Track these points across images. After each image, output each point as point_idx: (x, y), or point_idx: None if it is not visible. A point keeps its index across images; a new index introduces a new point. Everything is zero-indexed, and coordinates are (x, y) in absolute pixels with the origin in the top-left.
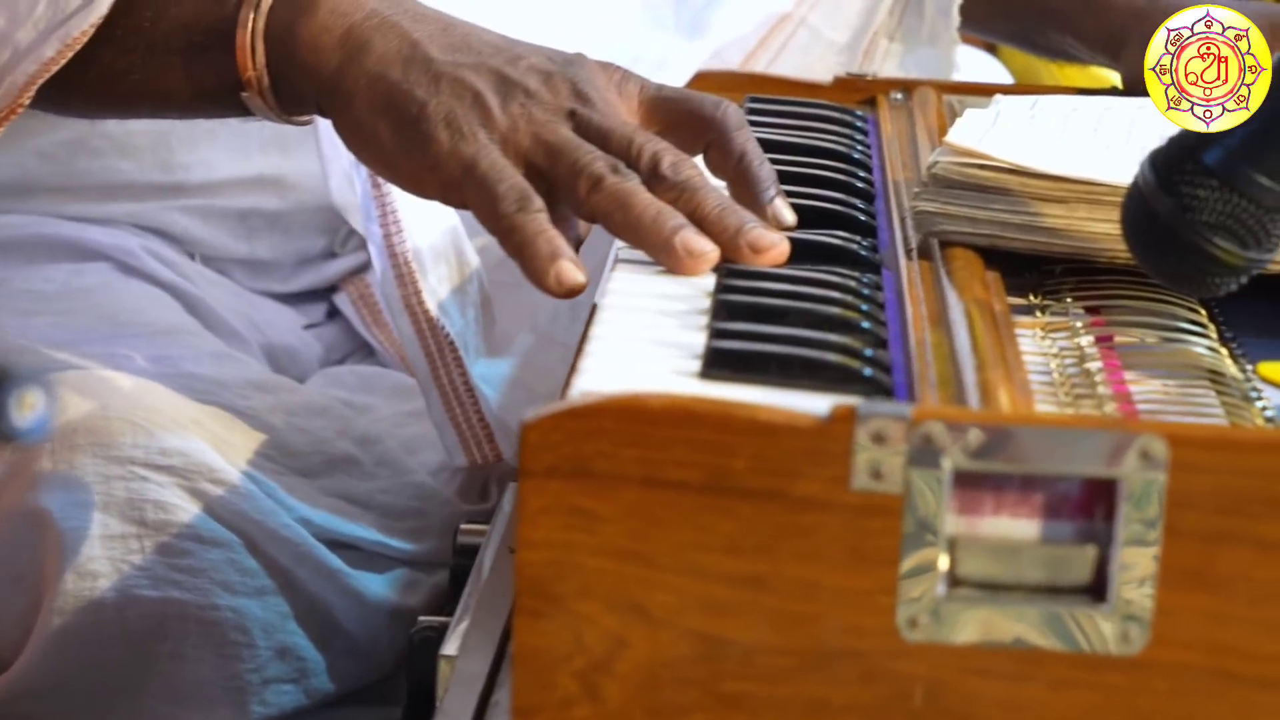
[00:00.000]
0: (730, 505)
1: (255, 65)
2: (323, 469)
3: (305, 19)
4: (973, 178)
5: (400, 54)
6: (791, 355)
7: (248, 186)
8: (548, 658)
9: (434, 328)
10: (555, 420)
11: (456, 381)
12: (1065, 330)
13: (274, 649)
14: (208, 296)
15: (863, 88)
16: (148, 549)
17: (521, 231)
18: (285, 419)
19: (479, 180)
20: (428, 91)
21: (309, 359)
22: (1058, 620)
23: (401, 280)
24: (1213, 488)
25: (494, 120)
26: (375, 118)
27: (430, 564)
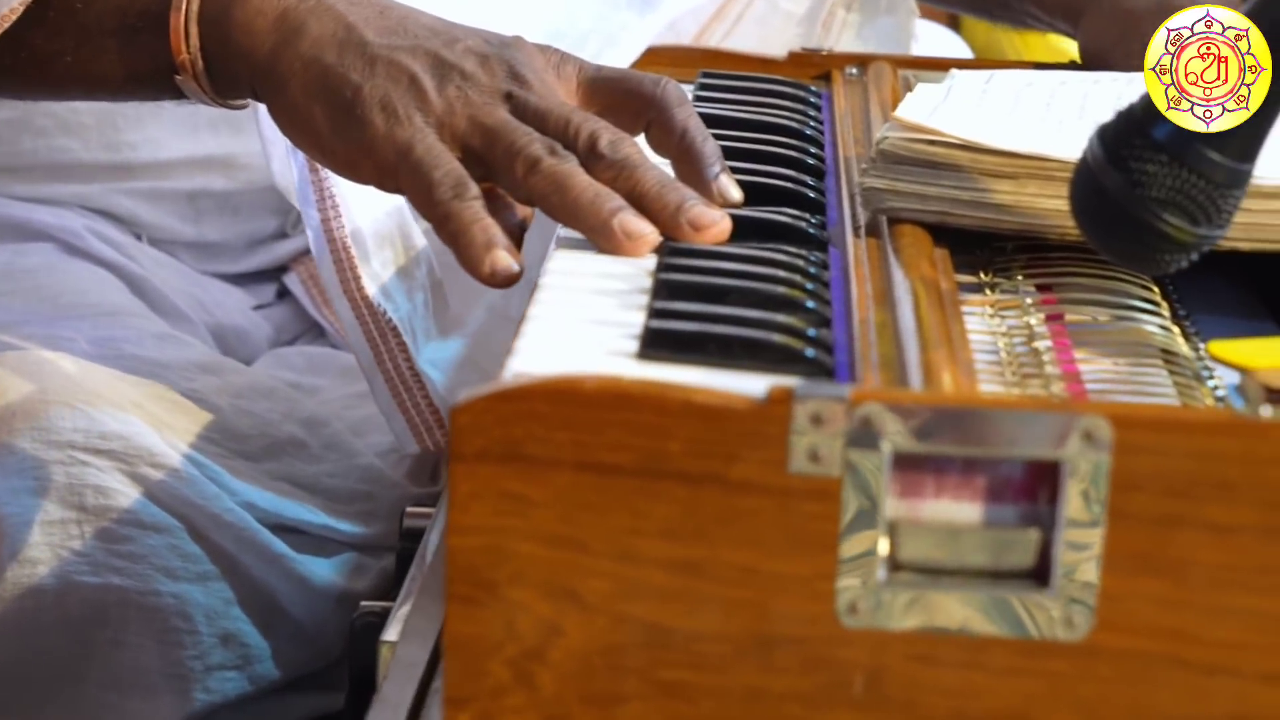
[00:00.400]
0: (666, 489)
1: (189, 48)
2: (268, 452)
3: (240, 2)
4: (921, 153)
5: (335, 37)
6: (731, 335)
7: (196, 167)
8: (480, 646)
9: (374, 313)
10: (486, 403)
11: (402, 367)
12: (1015, 308)
13: (217, 635)
14: (154, 277)
15: (818, 63)
16: (88, 534)
17: (457, 219)
18: (230, 401)
19: (414, 166)
20: (363, 75)
21: (258, 340)
22: (1001, 605)
23: (339, 265)
24: (1160, 470)
25: (430, 103)
26: (310, 102)
27: (378, 548)
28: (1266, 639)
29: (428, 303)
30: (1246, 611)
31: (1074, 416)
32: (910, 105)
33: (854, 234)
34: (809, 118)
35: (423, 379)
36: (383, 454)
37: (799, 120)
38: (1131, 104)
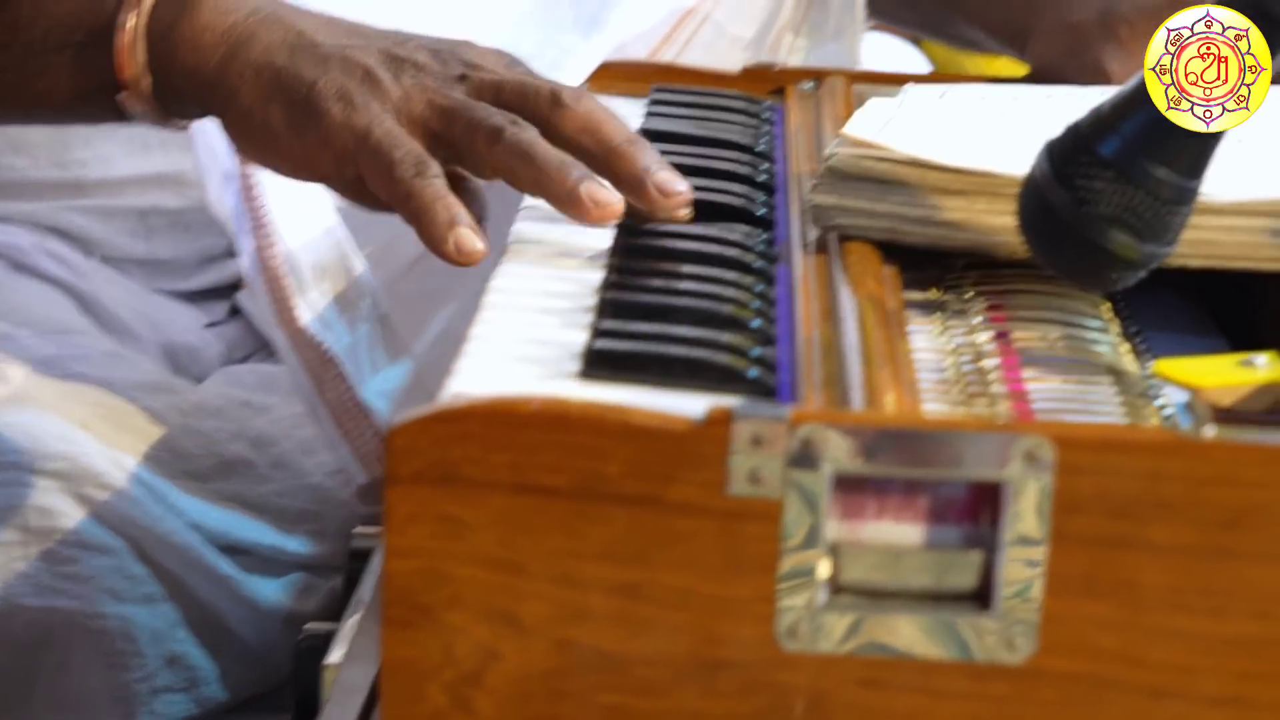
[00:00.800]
0: (604, 511)
1: (136, 65)
2: (216, 471)
3: (188, 17)
4: (870, 170)
5: (286, 42)
6: (673, 355)
7: (148, 184)
8: (417, 669)
9: (311, 344)
10: (422, 425)
11: (344, 398)
12: (963, 326)
13: (163, 657)
14: (103, 295)
15: (772, 78)
16: (32, 556)
17: (419, 198)
18: (178, 420)
19: (373, 148)
20: (317, 71)
21: (210, 358)
22: (942, 628)
23: (274, 294)
24: (1103, 490)
25: (386, 91)
26: (264, 104)
27: (327, 568)
28: (1211, 661)
29: (373, 333)
30: (1191, 633)
31: (1016, 437)
32: (860, 121)
33: (802, 251)
34: (761, 133)
35: (366, 410)
36: (331, 473)
37: (751, 136)
38: (1078, 120)
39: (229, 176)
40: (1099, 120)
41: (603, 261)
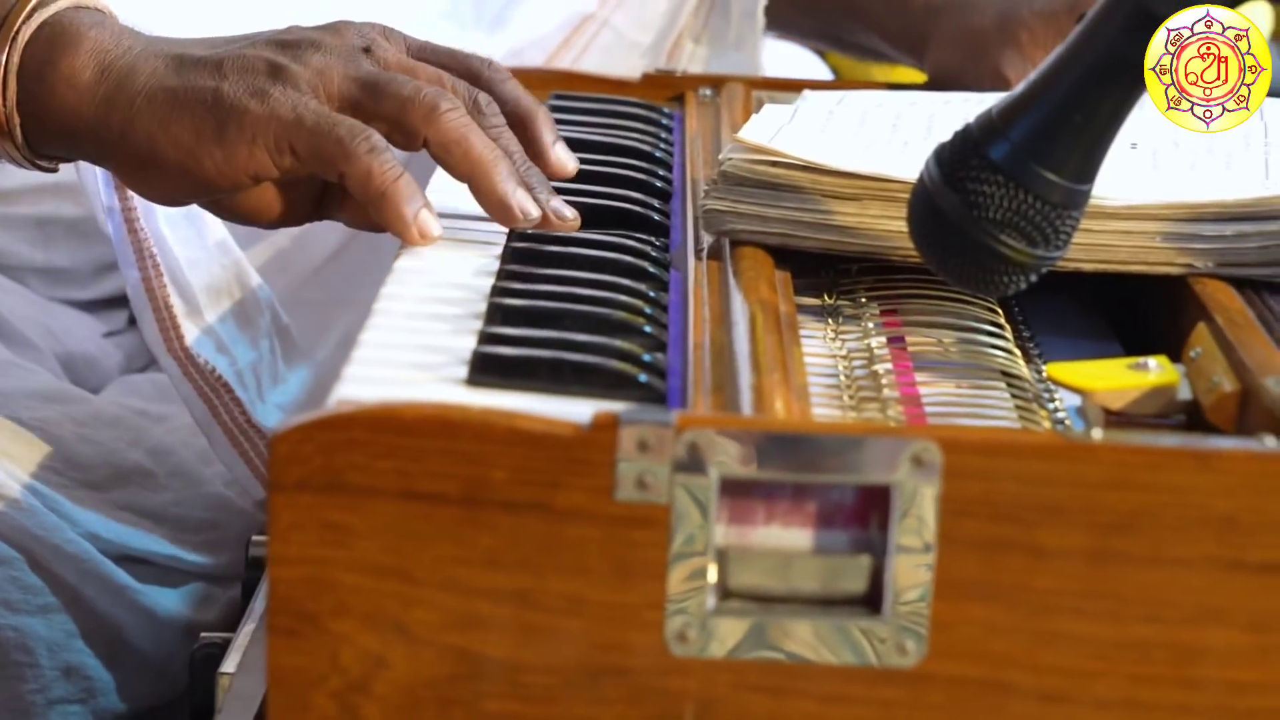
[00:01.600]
0: (490, 518)
1: (5, 104)
2: (112, 481)
3: (65, 57)
4: (763, 175)
5: (169, 66)
6: (561, 360)
7: (44, 193)
8: (303, 679)
9: (201, 370)
10: (305, 431)
11: (239, 419)
12: (857, 331)
13: (59, 668)
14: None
15: (672, 84)
16: None
17: (381, 176)
18: (73, 430)
19: (311, 130)
20: (215, 79)
21: (109, 367)
22: (833, 633)
23: (162, 324)
24: (988, 494)
25: (296, 75)
26: (166, 127)
27: (226, 578)
28: (1103, 664)
29: (274, 348)
30: (1082, 637)
31: (903, 441)
32: (754, 126)
33: (696, 257)
34: (660, 140)
35: (261, 429)
36: (230, 482)
37: (650, 142)
38: (968, 124)
39: (110, 210)
40: (988, 124)
41: (495, 266)
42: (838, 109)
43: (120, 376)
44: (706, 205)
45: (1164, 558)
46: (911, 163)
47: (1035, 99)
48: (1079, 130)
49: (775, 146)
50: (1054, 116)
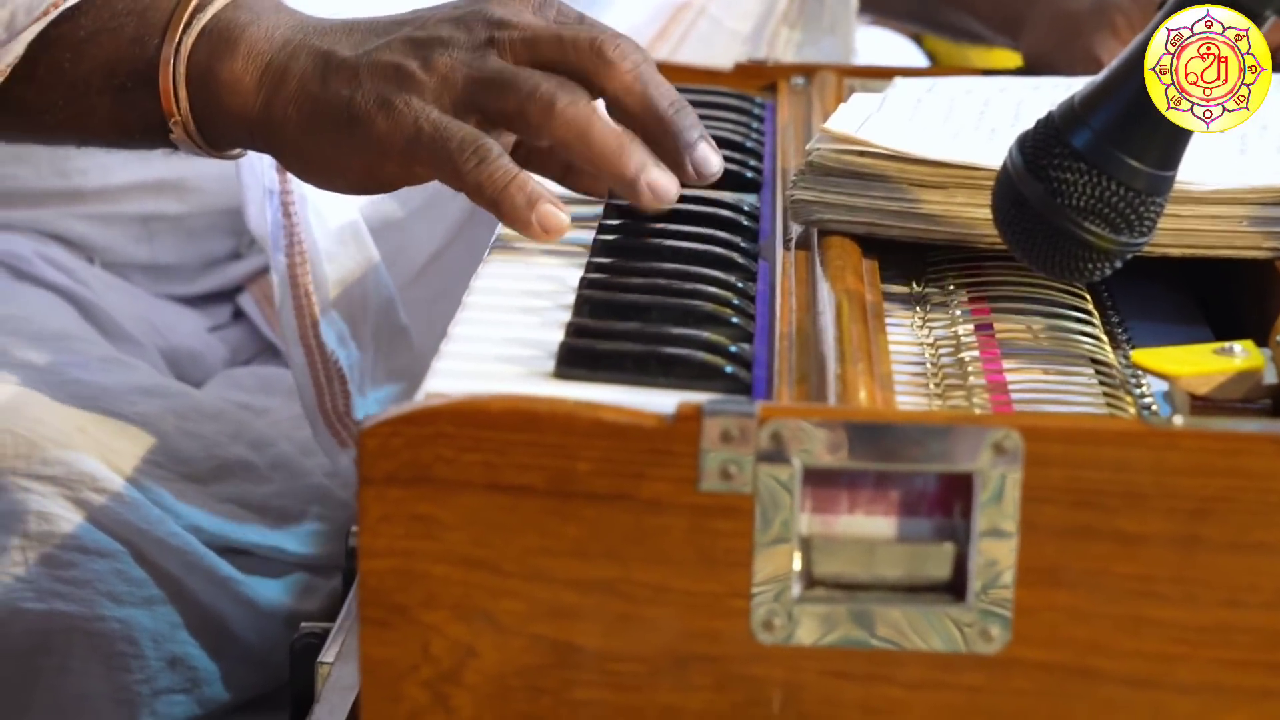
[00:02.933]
0: (575, 509)
1: (180, 110)
2: (215, 474)
3: (225, 62)
4: (850, 165)
5: (317, 70)
6: (647, 352)
7: (148, 191)
8: (395, 669)
9: (326, 359)
10: (393, 426)
11: (341, 409)
12: (945, 319)
13: (164, 659)
14: (104, 301)
15: (764, 73)
16: (31, 561)
17: (491, 185)
18: (176, 424)
19: (428, 144)
20: (351, 88)
21: (213, 362)
22: (918, 619)
23: (300, 311)
24: (1070, 481)
25: (420, 83)
26: (312, 135)
27: (328, 568)
28: (1181, 649)
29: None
30: (1160, 622)
31: (984, 429)
32: (841, 116)
33: (784, 247)
34: (751, 130)
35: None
36: (331, 474)
37: (741, 132)
38: (1051, 112)
39: (270, 192)
40: (1071, 112)
41: (585, 259)
42: (927, 96)
43: (223, 370)
44: (794, 195)
45: (1245, 543)
46: (998, 150)
47: (1116, 86)
48: (1161, 117)
49: (862, 136)
50: (1135, 103)
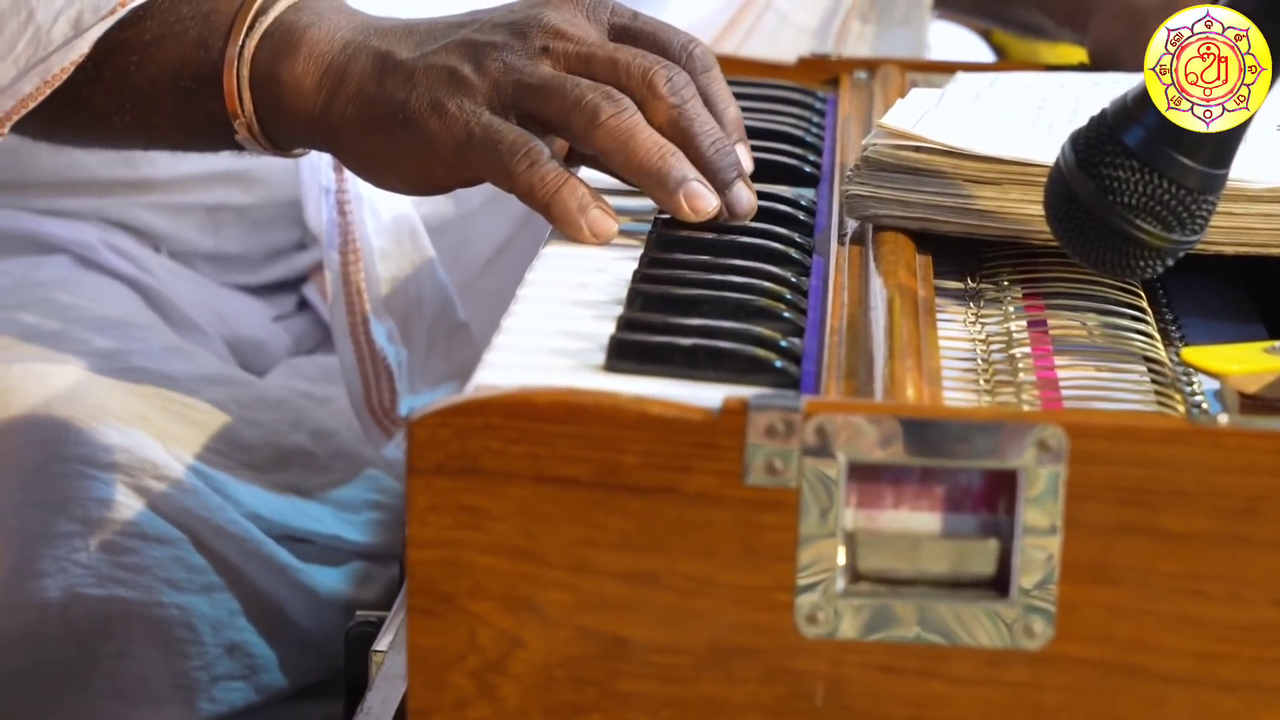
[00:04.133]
0: (621, 501)
1: (244, 111)
2: (275, 462)
3: (287, 64)
4: (905, 160)
5: (375, 71)
6: (697, 346)
7: (214, 181)
8: (441, 658)
9: (375, 358)
10: (441, 417)
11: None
12: (998, 315)
13: (222, 645)
14: (169, 290)
15: (828, 67)
16: (92, 547)
17: (543, 189)
18: (237, 412)
19: (479, 147)
20: (406, 90)
21: (277, 351)
22: (961, 615)
23: (351, 308)
24: (1113, 478)
25: (473, 86)
26: (369, 136)
27: (386, 556)
28: (1224, 647)
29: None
30: (1204, 620)
31: (1029, 426)
32: (899, 111)
33: (839, 241)
34: (812, 124)
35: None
36: (389, 464)
37: (802, 127)
38: (1103, 109)
39: (326, 190)
40: (1124, 109)
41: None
42: (987, 92)
43: (287, 359)
44: (849, 190)
45: None
46: (1054, 146)
47: None
48: None
49: (918, 132)
50: None
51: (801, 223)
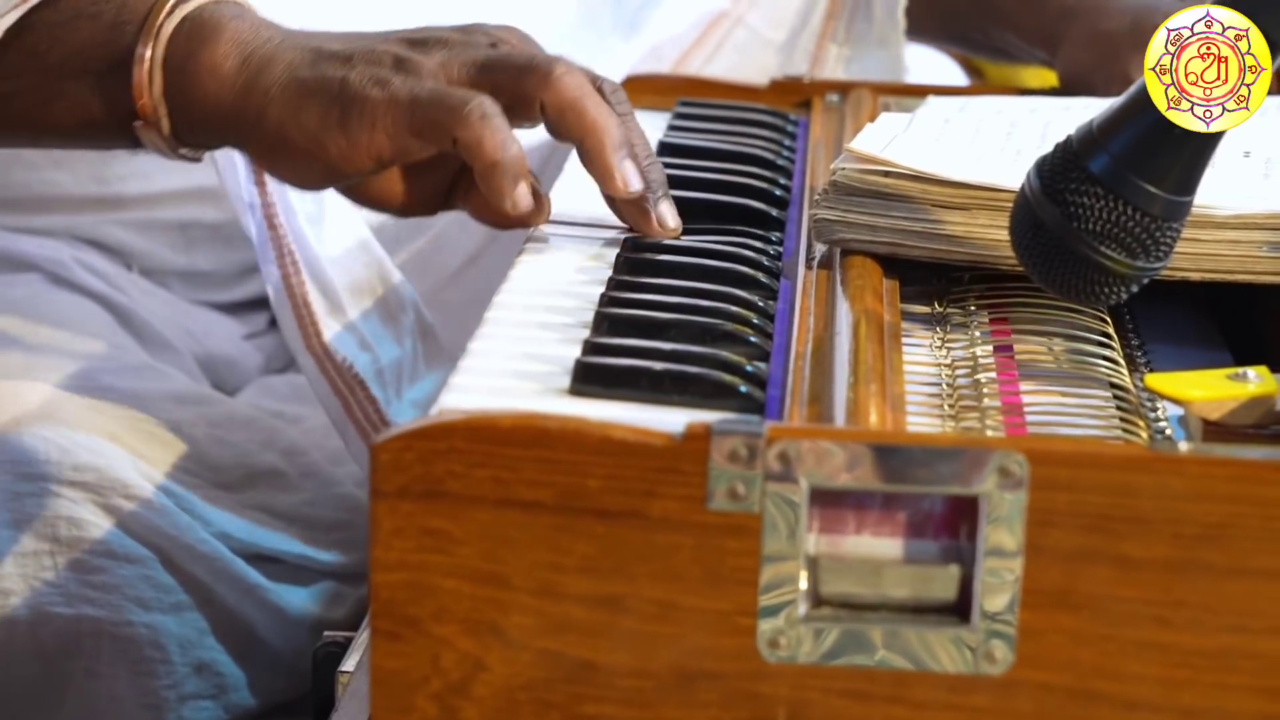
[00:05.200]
0: (585, 525)
1: (152, 94)
2: (245, 482)
3: (207, 48)
4: (874, 185)
5: (304, 58)
6: (662, 370)
7: (186, 198)
8: (405, 680)
9: (338, 366)
10: (405, 440)
11: (373, 416)
12: (964, 339)
13: (191, 665)
14: (140, 308)
15: (800, 89)
16: (60, 565)
17: (493, 143)
18: (207, 431)
19: (427, 104)
20: (344, 69)
21: (249, 369)
22: (923, 640)
23: (301, 321)
24: (1075, 505)
25: (420, 65)
26: (295, 114)
27: (357, 576)
28: (1185, 673)
29: (416, 347)
30: (1165, 646)
31: (991, 452)
32: (867, 136)
33: (806, 265)
34: (783, 147)
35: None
36: (361, 483)
37: (773, 150)
38: (1069, 136)
39: (250, 206)
40: (1089, 136)
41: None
42: (956, 116)
43: (259, 378)
44: (817, 215)
45: (1248, 569)
46: (1022, 172)
47: (1134, 111)
48: (1179, 143)
49: (886, 156)
50: (1154, 129)
51: (769, 247)
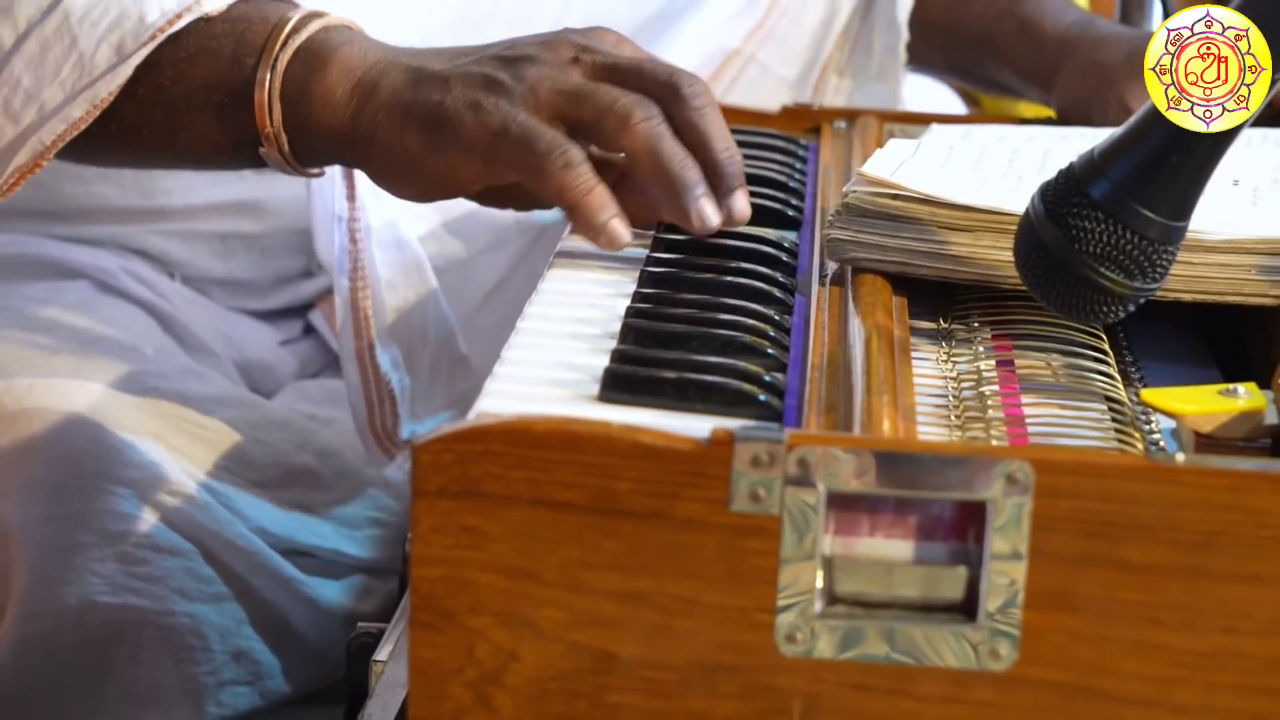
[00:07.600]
0: (614, 525)
1: (273, 123)
2: (282, 480)
3: (318, 77)
4: (884, 207)
5: (407, 81)
6: (686, 379)
7: (227, 211)
8: (441, 669)
9: (379, 382)
10: (445, 442)
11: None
12: (968, 354)
13: (229, 653)
14: (183, 314)
15: (810, 116)
16: (107, 558)
17: (574, 189)
18: (247, 432)
19: (515, 142)
20: (441, 92)
21: (283, 373)
22: (931, 637)
23: (358, 333)
24: (1077, 511)
25: (509, 89)
26: (401, 136)
27: (386, 571)
28: (1179, 672)
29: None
30: (1160, 646)
31: (998, 461)
32: (877, 161)
33: (819, 282)
34: (795, 170)
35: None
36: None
37: (785, 173)
38: (1071, 163)
39: (339, 219)
40: (1091, 163)
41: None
42: (960, 144)
43: (293, 382)
44: (830, 234)
45: (1243, 574)
46: (1024, 196)
47: (1134, 140)
48: (1175, 170)
49: (896, 180)
50: (1151, 157)
51: (785, 264)
